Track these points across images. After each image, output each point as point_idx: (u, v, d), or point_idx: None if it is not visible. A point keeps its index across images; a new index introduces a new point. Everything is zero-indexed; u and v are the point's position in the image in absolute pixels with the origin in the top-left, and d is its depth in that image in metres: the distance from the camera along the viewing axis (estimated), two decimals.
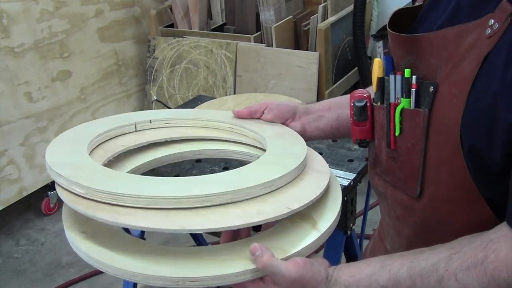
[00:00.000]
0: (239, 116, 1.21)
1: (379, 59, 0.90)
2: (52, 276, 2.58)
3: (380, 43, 3.21)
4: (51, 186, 2.93)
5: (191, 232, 0.81)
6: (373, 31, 3.33)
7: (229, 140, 1.21)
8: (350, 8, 2.97)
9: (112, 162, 1.10)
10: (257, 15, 2.98)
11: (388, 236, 1.05)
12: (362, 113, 0.93)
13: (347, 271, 0.83)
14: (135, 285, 1.99)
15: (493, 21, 0.74)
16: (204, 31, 3.07)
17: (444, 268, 0.74)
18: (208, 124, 1.23)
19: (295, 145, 1.07)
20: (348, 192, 1.46)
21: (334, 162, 1.52)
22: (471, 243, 0.76)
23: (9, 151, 2.68)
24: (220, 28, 3.13)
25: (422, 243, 0.85)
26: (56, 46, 2.83)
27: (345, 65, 2.99)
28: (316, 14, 2.89)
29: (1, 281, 2.55)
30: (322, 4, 2.89)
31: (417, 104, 0.83)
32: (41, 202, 2.97)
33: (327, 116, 1.16)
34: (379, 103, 0.91)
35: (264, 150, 1.09)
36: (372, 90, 0.95)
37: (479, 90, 0.74)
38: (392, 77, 0.86)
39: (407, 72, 0.83)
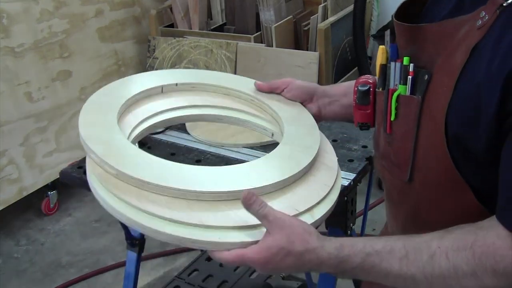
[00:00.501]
0: (260, 89, 1.23)
1: (384, 46, 0.94)
2: (52, 276, 2.58)
3: (388, 32, 3.21)
4: (51, 186, 2.93)
5: (208, 227, 0.87)
6: (373, 31, 3.33)
7: (249, 112, 1.25)
8: (350, 8, 2.97)
9: None
10: (257, 15, 2.98)
11: (388, 220, 1.09)
12: (364, 97, 0.98)
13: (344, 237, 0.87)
14: (135, 285, 2.00)
15: (484, 13, 0.77)
16: (204, 31, 3.07)
17: (437, 245, 0.77)
18: (230, 93, 1.27)
19: (310, 135, 1.09)
20: (348, 192, 1.46)
21: None
22: (463, 228, 0.79)
23: (9, 151, 2.68)
24: (220, 28, 3.13)
25: (415, 228, 0.88)
26: (56, 46, 2.83)
27: (345, 65, 2.99)
28: (316, 14, 2.89)
29: (1, 281, 2.55)
30: (322, 4, 2.89)
31: (413, 91, 0.86)
32: (41, 202, 2.97)
33: (342, 102, 1.20)
34: (380, 89, 0.94)
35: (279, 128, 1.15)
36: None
37: (465, 80, 0.77)
38: (393, 64, 0.89)
39: (405, 60, 0.87)
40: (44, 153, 2.84)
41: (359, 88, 0.99)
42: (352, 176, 1.47)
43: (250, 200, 0.82)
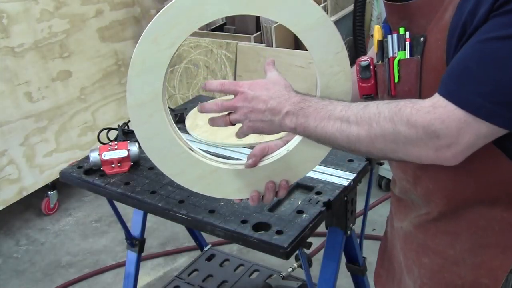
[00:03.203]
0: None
1: (379, 26, 1.06)
2: (52, 276, 2.58)
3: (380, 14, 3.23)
4: (51, 186, 2.93)
5: None
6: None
7: None
8: (350, 8, 2.97)
9: None
10: None
11: (396, 179, 1.16)
12: (365, 71, 1.07)
13: None
14: (135, 285, 2.00)
15: None
16: (204, 31, 3.07)
17: (375, 102, 0.93)
18: None
19: None
20: (348, 192, 1.46)
21: (334, 162, 1.52)
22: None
23: (9, 151, 2.68)
24: (220, 28, 3.13)
25: (426, 176, 1.02)
26: (56, 46, 2.83)
27: None
28: None
29: (1, 281, 2.55)
30: (322, 4, 2.89)
31: (411, 54, 0.98)
32: (41, 202, 2.97)
33: None
34: (380, 62, 1.05)
35: None
36: (373, 55, 1.09)
37: (452, 28, 0.89)
38: (389, 37, 1.01)
39: (401, 30, 0.99)
40: (44, 153, 2.84)
41: (361, 63, 1.07)
42: (352, 176, 1.47)
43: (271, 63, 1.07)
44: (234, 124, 1.04)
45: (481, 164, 0.90)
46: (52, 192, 2.97)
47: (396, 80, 1.00)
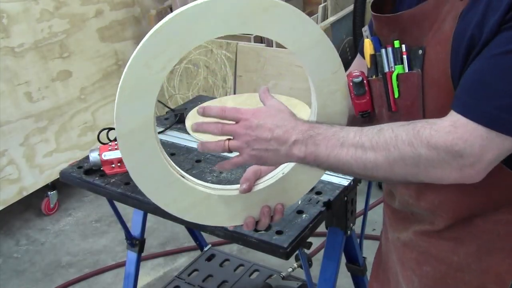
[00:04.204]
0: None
1: (369, 40, 1.02)
2: (52, 276, 2.58)
3: (366, 27, 3.22)
4: (51, 186, 2.93)
5: None
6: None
7: None
8: (350, 8, 2.97)
9: None
10: None
11: (395, 193, 1.12)
12: (360, 87, 1.04)
13: None
14: (135, 285, 2.00)
15: None
16: None
17: (388, 125, 0.89)
18: None
19: None
20: (348, 192, 1.46)
21: None
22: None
23: (9, 151, 2.68)
24: None
25: (431, 191, 0.99)
26: (56, 46, 2.83)
27: (345, 65, 2.96)
28: (316, 14, 2.89)
29: (1, 281, 2.55)
30: (322, 4, 2.89)
31: (410, 67, 0.94)
32: (41, 202, 2.97)
33: None
34: (374, 77, 1.01)
35: None
36: (364, 68, 1.06)
37: (457, 40, 0.86)
38: (383, 51, 0.98)
39: (396, 43, 0.95)
40: (44, 153, 2.84)
41: (354, 80, 1.04)
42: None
43: (266, 90, 1.01)
44: (231, 152, 0.97)
45: (488, 178, 0.88)
46: (52, 192, 2.97)
47: (396, 95, 0.96)
